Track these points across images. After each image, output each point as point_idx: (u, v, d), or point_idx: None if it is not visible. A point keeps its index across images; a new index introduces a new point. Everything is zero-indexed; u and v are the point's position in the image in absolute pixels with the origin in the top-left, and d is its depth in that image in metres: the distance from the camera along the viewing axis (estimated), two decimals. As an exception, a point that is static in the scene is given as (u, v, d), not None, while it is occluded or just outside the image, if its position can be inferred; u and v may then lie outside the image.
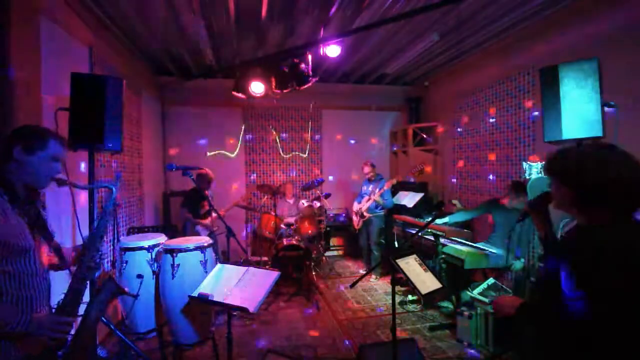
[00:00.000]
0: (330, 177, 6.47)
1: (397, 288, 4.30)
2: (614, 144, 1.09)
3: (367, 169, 5.05)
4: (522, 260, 3.26)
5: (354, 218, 5.20)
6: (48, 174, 1.36)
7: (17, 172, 1.30)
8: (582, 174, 1.03)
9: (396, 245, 4.97)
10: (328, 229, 5.92)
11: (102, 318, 1.67)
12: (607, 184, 1.00)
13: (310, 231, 4.95)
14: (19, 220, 1.28)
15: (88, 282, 1.45)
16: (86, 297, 1.48)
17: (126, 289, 1.52)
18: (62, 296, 1.39)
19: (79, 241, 1.59)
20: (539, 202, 1.31)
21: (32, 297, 1.29)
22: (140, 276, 2.55)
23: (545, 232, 1.33)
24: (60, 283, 2.33)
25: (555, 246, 1.32)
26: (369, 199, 4.92)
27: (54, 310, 1.38)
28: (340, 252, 6.43)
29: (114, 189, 1.53)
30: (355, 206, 5.18)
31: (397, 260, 2.28)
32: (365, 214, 4.93)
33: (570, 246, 1.07)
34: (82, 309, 1.44)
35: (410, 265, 2.31)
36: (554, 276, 1.09)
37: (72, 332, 1.38)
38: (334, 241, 6.40)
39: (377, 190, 4.83)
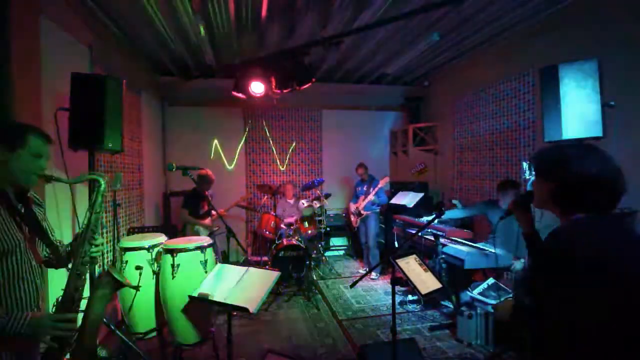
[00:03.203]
0: (329, 175, 6.48)
1: (397, 288, 4.30)
2: (594, 144, 1.12)
3: (361, 170, 5.25)
4: (522, 260, 3.26)
5: (352, 218, 5.31)
6: (33, 171, 1.33)
7: (1, 171, 1.28)
8: (560, 170, 1.08)
9: (396, 245, 4.98)
10: (328, 229, 5.92)
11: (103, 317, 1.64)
12: (585, 181, 1.04)
13: (310, 231, 4.96)
14: (4, 220, 1.26)
15: (86, 277, 1.43)
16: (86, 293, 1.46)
17: (127, 280, 1.48)
18: (61, 293, 1.37)
19: None
20: (522, 200, 1.37)
21: (14, 301, 1.26)
22: (139, 267, 2.56)
23: (528, 230, 1.38)
24: (61, 280, 2.33)
25: (537, 244, 1.37)
26: (364, 198, 5.06)
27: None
28: (340, 252, 6.44)
29: (102, 180, 1.48)
30: (352, 207, 5.31)
31: (397, 260, 2.28)
32: (362, 212, 5.04)
33: (546, 244, 1.10)
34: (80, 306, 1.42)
35: (410, 265, 2.31)
36: (537, 272, 1.13)
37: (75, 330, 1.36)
38: (334, 241, 6.41)
39: (372, 189, 5.00)
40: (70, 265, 1.44)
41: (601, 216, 1.06)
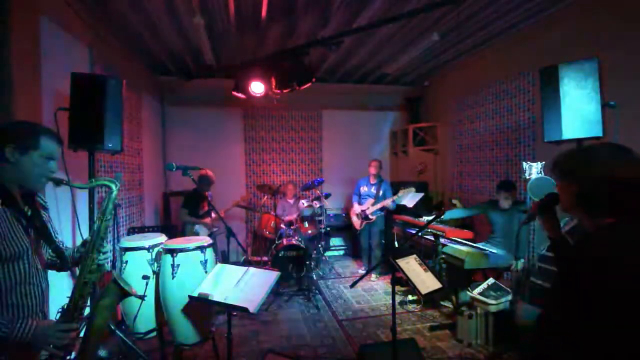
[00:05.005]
0: (329, 175, 6.48)
1: (397, 288, 4.29)
2: (624, 145, 1.06)
3: (374, 169, 4.93)
4: (522, 260, 3.26)
5: (355, 219, 5.08)
6: (43, 174, 1.28)
7: (10, 173, 1.23)
8: (590, 172, 1.02)
9: (396, 245, 4.97)
10: (328, 229, 5.92)
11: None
12: (616, 184, 0.98)
13: (310, 231, 4.95)
14: (11, 224, 1.23)
15: (93, 285, 1.39)
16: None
17: (133, 290, 1.42)
18: (66, 300, 1.35)
19: (79, 241, 1.54)
20: (547, 204, 1.29)
21: (22, 305, 1.24)
22: (145, 277, 2.54)
23: (555, 235, 1.30)
24: (61, 284, 2.33)
25: (565, 249, 1.30)
26: (374, 202, 4.83)
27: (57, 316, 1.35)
28: (340, 252, 6.44)
29: (113, 187, 1.43)
30: (357, 208, 5.03)
31: (397, 260, 2.28)
32: (370, 217, 4.84)
33: (576, 248, 1.07)
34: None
35: (410, 265, 2.31)
36: (565, 280, 1.09)
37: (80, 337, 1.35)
38: (334, 241, 6.40)
39: (382, 192, 4.82)
40: (75, 269, 1.42)
41: (635, 221, 0.99)
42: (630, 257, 0.93)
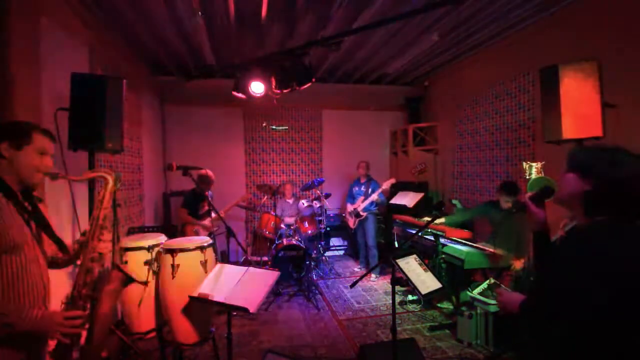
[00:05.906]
0: (329, 175, 6.47)
1: (397, 288, 4.30)
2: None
3: (362, 169, 5.21)
4: (522, 260, 3.26)
5: (349, 218, 5.25)
6: (38, 168, 1.34)
7: (8, 169, 1.30)
8: (609, 175, 1.04)
9: (396, 245, 4.97)
10: (328, 229, 5.91)
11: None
12: (627, 190, 1.01)
13: (310, 231, 4.95)
14: (13, 216, 1.27)
15: (95, 274, 1.43)
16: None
17: (134, 275, 1.47)
18: (68, 291, 1.37)
19: (79, 236, 1.56)
20: (538, 197, 1.32)
21: (22, 299, 1.26)
22: (148, 262, 2.56)
23: (540, 228, 1.33)
24: (62, 279, 2.32)
25: (547, 242, 1.33)
26: (364, 199, 5.02)
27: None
28: (340, 252, 6.43)
29: (109, 177, 1.46)
30: (349, 207, 5.25)
31: (397, 260, 2.28)
32: (361, 213, 5.01)
33: (565, 244, 1.09)
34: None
35: (410, 265, 2.31)
36: (546, 272, 1.12)
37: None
38: (333, 241, 6.40)
39: (371, 190, 4.99)
40: (78, 263, 1.44)
41: (628, 223, 1.03)
42: (616, 256, 0.97)
